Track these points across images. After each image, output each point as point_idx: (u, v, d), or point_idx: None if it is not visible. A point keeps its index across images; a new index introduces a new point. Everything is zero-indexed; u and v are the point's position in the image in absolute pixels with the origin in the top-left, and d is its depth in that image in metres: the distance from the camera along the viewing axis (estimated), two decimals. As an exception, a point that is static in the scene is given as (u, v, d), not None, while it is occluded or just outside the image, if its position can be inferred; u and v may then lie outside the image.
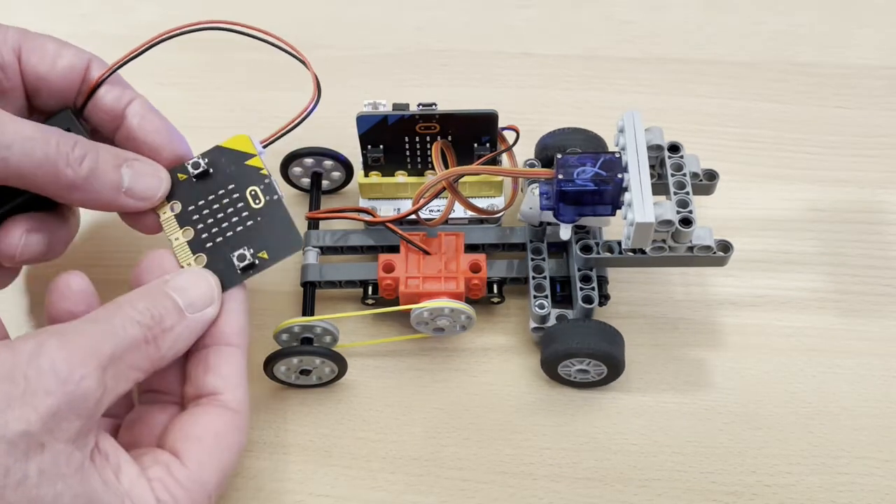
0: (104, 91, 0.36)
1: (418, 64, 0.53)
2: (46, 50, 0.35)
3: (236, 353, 0.34)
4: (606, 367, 0.39)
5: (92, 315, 0.31)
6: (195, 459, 0.31)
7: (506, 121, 0.42)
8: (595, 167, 0.37)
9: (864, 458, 0.39)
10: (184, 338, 0.33)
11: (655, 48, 0.54)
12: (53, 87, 0.35)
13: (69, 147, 0.33)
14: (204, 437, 0.32)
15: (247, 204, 0.36)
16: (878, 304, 0.44)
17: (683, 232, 0.36)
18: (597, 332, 0.38)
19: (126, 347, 0.30)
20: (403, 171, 0.44)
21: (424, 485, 0.39)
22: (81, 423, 0.28)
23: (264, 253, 0.36)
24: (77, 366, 0.28)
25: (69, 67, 0.35)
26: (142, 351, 0.31)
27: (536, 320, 0.40)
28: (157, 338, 0.31)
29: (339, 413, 0.41)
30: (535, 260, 0.42)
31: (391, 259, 0.41)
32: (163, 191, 0.36)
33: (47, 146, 0.32)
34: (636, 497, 0.38)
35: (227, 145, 0.37)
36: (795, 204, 0.47)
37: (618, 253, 0.39)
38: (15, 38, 0.35)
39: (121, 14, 0.56)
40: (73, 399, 0.28)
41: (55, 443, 0.27)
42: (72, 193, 0.33)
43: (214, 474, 0.32)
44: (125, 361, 0.30)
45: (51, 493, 0.27)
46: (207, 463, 0.32)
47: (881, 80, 0.52)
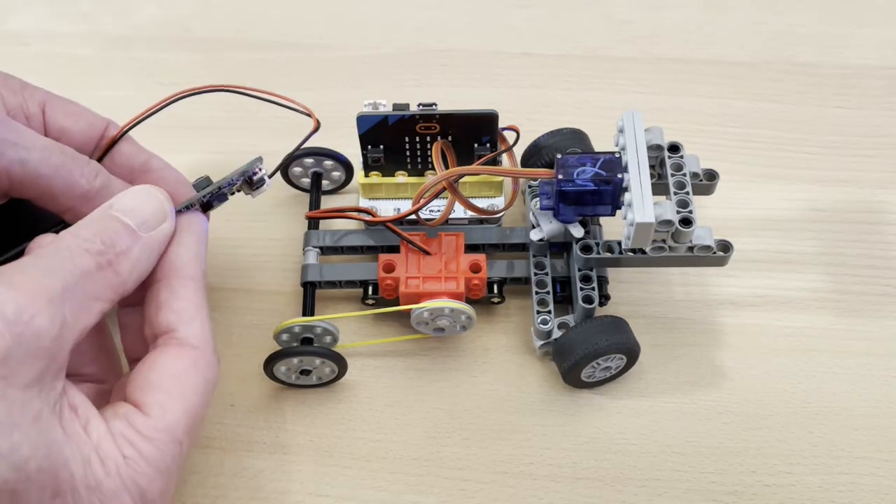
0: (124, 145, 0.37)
1: (418, 64, 0.53)
2: (69, 108, 0.36)
3: (188, 284, 0.32)
4: (626, 357, 0.39)
5: (35, 253, 0.30)
6: (155, 406, 0.30)
7: (506, 121, 0.42)
8: (595, 167, 0.37)
9: (864, 458, 0.39)
10: (143, 259, 0.31)
11: (655, 48, 0.54)
12: (74, 140, 0.36)
13: (83, 161, 0.34)
14: (161, 381, 0.30)
15: None
16: (878, 304, 0.44)
17: (683, 232, 0.36)
18: (607, 327, 0.39)
19: (78, 277, 0.29)
20: (403, 171, 0.44)
21: (424, 485, 0.39)
22: (39, 366, 0.27)
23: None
24: (26, 305, 0.26)
25: (90, 125, 0.36)
26: (98, 279, 0.30)
27: (542, 336, 0.40)
28: (112, 263, 0.30)
29: (339, 413, 0.41)
30: (538, 275, 0.42)
31: (391, 259, 0.41)
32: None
33: (64, 155, 0.33)
34: (636, 497, 0.39)
35: None
36: (795, 204, 0.47)
37: (618, 253, 0.39)
38: (41, 95, 0.36)
39: (121, 14, 0.56)
40: (25, 340, 0.26)
41: (9, 389, 0.26)
42: (83, 205, 0.33)
43: (181, 418, 0.30)
44: (81, 292, 0.29)
45: (6, 444, 0.25)
46: (170, 407, 0.30)
47: (881, 80, 0.52)
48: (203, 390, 0.31)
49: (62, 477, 0.27)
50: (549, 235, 0.40)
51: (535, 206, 0.41)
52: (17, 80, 0.36)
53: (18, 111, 0.35)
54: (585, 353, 0.38)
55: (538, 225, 0.40)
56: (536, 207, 0.40)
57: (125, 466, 0.28)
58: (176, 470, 0.30)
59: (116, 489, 0.28)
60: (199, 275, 0.33)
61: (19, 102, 0.35)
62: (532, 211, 0.41)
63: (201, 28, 0.56)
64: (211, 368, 0.32)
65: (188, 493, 0.39)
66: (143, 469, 0.29)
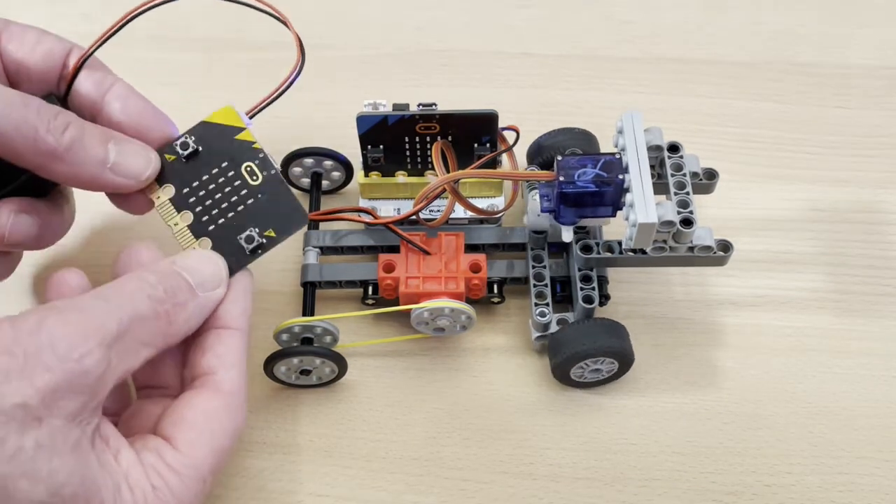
0: (83, 77, 0.35)
1: (418, 64, 0.53)
2: (26, 37, 0.35)
3: (234, 334, 0.34)
4: (618, 362, 0.39)
5: (98, 290, 0.31)
6: (186, 442, 0.31)
7: (506, 121, 0.42)
8: (595, 168, 0.37)
9: (864, 458, 0.39)
10: (195, 316, 0.32)
11: (655, 48, 0.54)
12: (33, 72, 0.35)
13: (51, 114, 0.32)
14: (194, 419, 0.32)
15: (244, 181, 0.35)
16: (878, 304, 0.44)
17: (684, 232, 0.36)
18: (603, 329, 0.38)
19: (134, 321, 0.30)
20: (403, 171, 0.44)
21: (424, 485, 0.39)
22: (82, 400, 0.28)
23: (271, 231, 0.35)
24: (77, 343, 0.28)
25: (47, 53, 0.35)
26: (153, 325, 0.31)
27: (539, 329, 0.40)
28: (168, 313, 0.31)
29: (339, 413, 0.41)
30: (535, 268, 0.42)
31: (391, 259, 0.41)
32: (151, 170, 0.35)
33: (26, 109, 0.31)
34: (636, 497, 0.39)
35: (212, 120, 0.36)
36: (795, 204, 0.47)
37: (618, 253, 0.39)
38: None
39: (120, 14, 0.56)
40: (72, 377, 0.27)
41: (53, 419, 0.27)
42: (54, 164, 0.32)
43: (207, 457, 0.31)
44: (133, 336, 0.30)
45: (46, 468, 0.27)
46: (199, 445, 0.31)
47: (881, 80, 0.52)
48: (231, 434, 0.33)
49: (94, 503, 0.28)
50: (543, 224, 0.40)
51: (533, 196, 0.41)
52: None
53: None
54: (574, 352, 0.38)
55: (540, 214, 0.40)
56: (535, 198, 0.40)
57: (153, 496, 0.30)
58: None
59: None
60: (245, 328, 0.34)
61: None
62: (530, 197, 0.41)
63: (201, 28, 0.56)
64: (241, 415, 0.33)
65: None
66: (168, 500, 0.30)
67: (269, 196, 0.35)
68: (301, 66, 0.36)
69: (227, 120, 0.36)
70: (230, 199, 0.35)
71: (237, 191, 0.35)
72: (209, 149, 0.36)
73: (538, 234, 0.42)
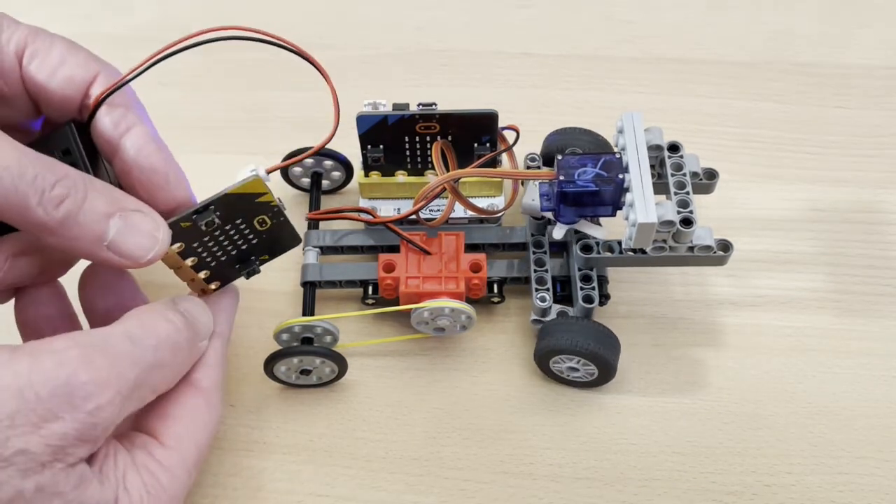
0: (103, 112, 0.32)
1: (418, 64, 0.53)
2: (50, 55, 0.32)
3: (216, 339, 0.34)
4: (597, 369, 0.39)
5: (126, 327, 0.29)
6: (173, 437, 0.31)
7: (506, 121, 0.42)
8: (596, 168, 0.37)
9: (864, 458, 0.39)
10: (188, 365, 0.33)
11: (655, 48, 0.54)
12: (52, 97, 0.32)
13: (49, 183, 0.28)
14: (179, 415, 0.32)
15: (253, 229, 0.35)
16: (878, 304, 0.44)
17: (684, 232, 0.36)
18: (591, 332, 0.38)
19: (154, 369, 0.30)
20: (403, 170, 0.44)
21: (424, 485, 0.39)
22: (89, 447, 0.28)
23: (266, 256, 0.36)
24: (95, 394, 0.27)
25: (68, 79, 0.32)
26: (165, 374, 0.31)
27: (537, 313, 0.41)
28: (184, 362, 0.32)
29: (339, 413, 0.41)
30: (536, 253, 0.42)
31: (391, 259, 0.41)
32: (154, 253, 0.31)
33: (20, 179, 0.28)
34: (636, 497, 0.39)
35: (238, 191, 0.33)
36: (795, 204, 0.47)
37: (618, 253, 0.39)
38: (20, 40, 0.32)
39: (121, 14, 0.56)
40: (84, 428, 0.27)
41: (57, 464, 0.27)
42: (45, 236, 0.29)
43: (192, 451, 0.32)
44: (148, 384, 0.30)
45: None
46: (185, 439, 0.32)
47: (881, 80, 0.52)
48: (211, 429, 0.33)
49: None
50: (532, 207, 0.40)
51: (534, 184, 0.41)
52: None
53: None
54: (549, 344, 0.38)
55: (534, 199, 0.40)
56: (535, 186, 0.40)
57: (147, 497, 0.30)
58: (183, 498, 0.32)
59: None
60: (226, 334, 0.35)
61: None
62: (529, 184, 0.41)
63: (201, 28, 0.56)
64: (217, 412, 0.34)
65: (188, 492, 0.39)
66: (160, 497, 0.30)
67: (272, 233, 0.35)
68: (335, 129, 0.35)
69: (253, 189, 0.33)
70: (237, 243, 0.35)
71: (245, 236, 0.35)
72: (227, 215, 0.34)
73: (538, 219, 0.42)
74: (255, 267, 0.36)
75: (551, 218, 0.40)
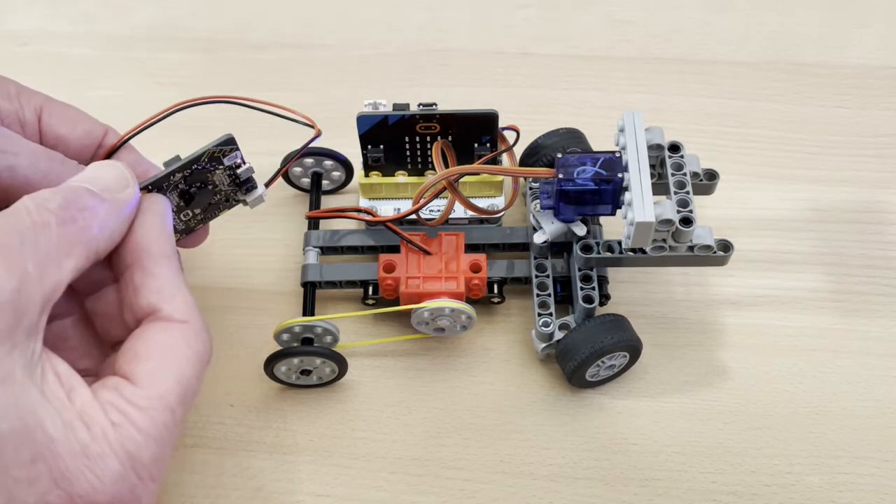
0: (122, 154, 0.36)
1: (418, 64, 0.53)
2: (67, 114, 0.36)
3: (161, 262, 0.32)
4: (629, 354, 0.39)
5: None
6: (145, 375, 0.29)
7: (506, 121, 0.42)
8: (595, 167, 0.37)
9: (864, 458, 0.39)
10: (112, 219, 0.31)
11: (655, 48, 0.54)
12: (70, 149, 0.35)
13: (73, 168, 0.33)
14: (149, 351, 0.30)
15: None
16: (877, 304, 0.44)
17: (684, 231, 0.36)
18: (609, 325, 0.38)
19: (38, 231, 0.28)
20: (403, 171, 0.44)
21: (424, 485, 0.39)
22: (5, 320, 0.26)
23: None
24: None
25: (87, 132, 0.36)
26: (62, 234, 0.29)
27: (543, 339, 0.40)
28: (75, 218, 0.29)
29: (339, 413, 0.41)
30: (539, 277, 0.42)
31: (391, 259, 0.41)
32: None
33: (52, 161, 0.32)
34: (636, 497, 0.39)
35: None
36: (795, 204, 0.47)
37: (618, 252, 0.39)
38: (38, 100, 0.35)
39: (120, 14, 0.56)
40: None
41: None
42: None
43: (173, 387, 0.30)
44: (45, 247, 0.28)
45: None
46: (160, 376, 0.29)
47: (881, 80, 0.52)
48: (195, 361, 0.31)
49: (39, 439, 0.26)
50: (552, 236, 0.40)
51: (535, 208, 0.41)
52: (13, 84, 0.35)
53: (13, 117, 0.34)
54: (591, 352, 0.38)
55: (540, 227, 0.40)
56: (537, 209, 0.40)
57: (113, 432, 0.28)
58: (170, 438, 0.30)
59: (103, 453, 0.27)
60: (170, 251, 0.32)
61: (15, 109, 0.34)
62: (533, 213, 0.41)
63: (201, 28, 0.56)
64: (201, 341, 0.31)
65: (188, 493, 0.39)
66: (131, 435, 0.28)
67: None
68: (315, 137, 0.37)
69: None
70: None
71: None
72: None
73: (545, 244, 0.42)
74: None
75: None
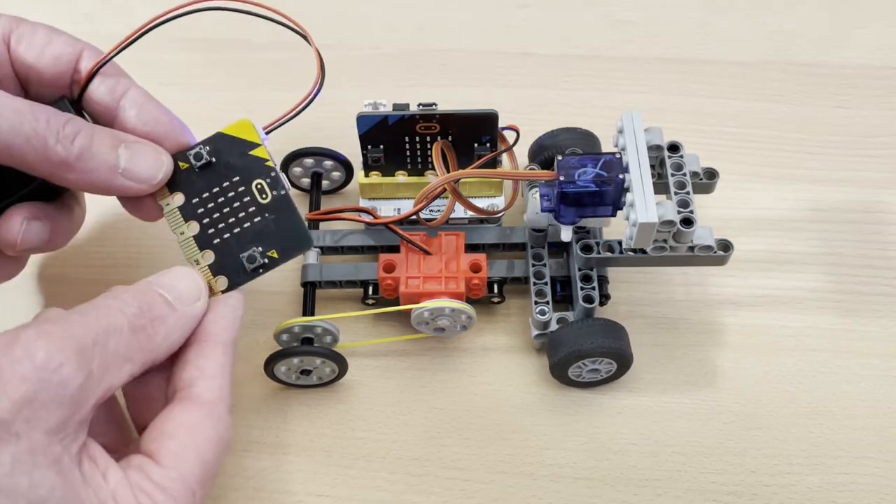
0: (97, 83, 0.35)
1: (418, 64, 0.53)
2: (35, 38, 0.34)
3: (217, 347, 0.33)
4: (616, 363, 0.39)
5: (74, 308, 0.30)
6: (169, 456, 0.30)
7: (506, 121, 0.42)
8: (596, 168, 0.37)
9: (864, 458, 0.39)
10: (177, 330, 0.32)
11: (655, 48, 0.54)
12: (43, 76, 0.34)
13: (60, 124, 0.32)
14: (174, 431, 0.31)
15: (253, 198, 0.35)
16: (877, 304, 0.44)
17: (685, 232, 0.36)
18: (602, 329, 0.38)
19: (111, 334, 0.29)
20: (403, 171, 0.44)
21: (424, 485, 0.39)
22: (62, 412, 0.27)
23: (274, 252, 0.35)
24: (55, 352, 0.27)
25: (57, 57, 0.34)
26: (131, 339, 0.30)
27: (538, 327, 0.40)
28: (146, 327, 0.31)
29: (339, 413, 0.41)
30: (535, 266, 0.42)
31: (392, 259, 0.41)
32: (163, 173, 0.34)
33: (36, 122, 0.31)
34: (636, 497, 0.39)
35: (229, 132, 0.35)
36: (795, 204, 0.47)
37: (618, 252, 0.39)
38: (5, 26, 0.34)
39: (121, 14, 0.56)
40: (50, 386, 0.27)
41: (32, 432, 0.26)
42: (65, 173, 0.32)
43: (195, 469, 0.31)
44: (112, 349, 0.29)
45: (25, 483, 0.26)
46: (183, 457, 0.30)
47: (881, 80, 0.52)
48: (216, 444, 0.32)
49: None
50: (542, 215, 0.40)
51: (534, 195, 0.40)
52: None
53: None
54: (569, 352, 0.38)
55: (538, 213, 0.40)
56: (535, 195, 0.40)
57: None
58: None
59: None
60: (229, 340, 0.34)
61: None
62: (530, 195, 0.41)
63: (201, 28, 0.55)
64: (224, 424, 0.32)
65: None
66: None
67: (277, 216, 0.35)
68: (321, 83, 0.36)
69: (244, 134, 0.35)
70: (238, 215, 0.35)
71: (245, 207, 0.35)
72: (222, 161, 0.35)
73: (538, 231, 0.42)
74: (262, 262, 0.34)
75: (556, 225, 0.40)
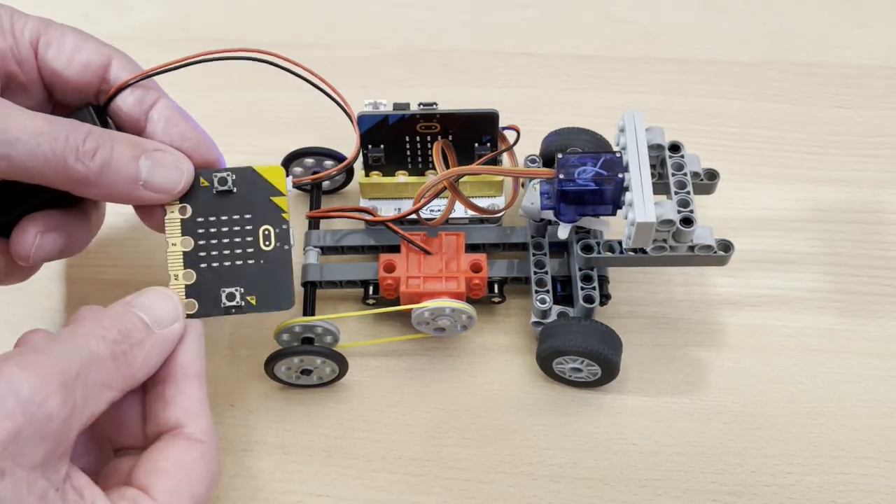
0: (126, 94, 0.35)
1: (418, 64, 0.53)
2: (64, 44, 0.34)
3: (194, 383, 0.33)
4: (601, 369, 0.39)
5: (55, 334, 0.30)
6: (164, 492, 0.30)
7: (506, 121, 0.42)
8: (596, 167, 0.37)
9: (864, 458, 0.39)
10: (155, 354, 0.32)
11: (655, 48, 0.54)
12: (70, 83, 0.34)
13: (79, 140, 0.31)
14: (170, 469, 0.31)
15: (256, 241, 0.35)
16: (877, 304, 0.44)
17: (684, 231, 0.36)
18: (593, 332, 0.38)
19: (93, 363, 0.29)
20: (404, 170, 0.44)
21: (424, 485, 0.39)
22: (47, 447, 0.27)
23: (254, 298, 0.34)
24: (39, 386, 0.27)
25: (86, 65, 0.34)
26: (111, 367, 0.30)
27: (537, 315, 0.41)
28: (126, 353, 0.30)
29: (339, 413, 0.41)
30: (536, 255, 0.42)
31: (392, 259, 0.41)
32: (184, 183, 0.34)
33: (55, 141, 0.31)
34: (636, 497, 0.39)
35: (260, 171, 0.35)
36: (795, 204, 0.47)
37: (619, 252, 0.39)
38: (34, 30, 0.34)
39: (121, 14, 0.56)
40: (36, 421, 0.26)
41: (17, 469, 0.26)
42: (86, 189, 0.32)
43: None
44: (94, 378, 0.29)
45: None
46: (178, 494, 0.30)
47: (881, 80, 0.52)
48: (208, 482, 0.32)
49: None
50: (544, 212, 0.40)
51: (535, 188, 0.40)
52: (6, 12, 0.33)
53: (8, 56, 0.33)
54: (552, 345, 0.38)
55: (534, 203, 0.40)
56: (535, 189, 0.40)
57: None
58: None
59: None
60: (201, 373, 0.34)
61: (9, 45, 0.33)
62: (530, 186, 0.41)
63: (201, 28, 0.56)
64: (215, 463, 0.33)
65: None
66: None
67: (272, 267, 0.35)
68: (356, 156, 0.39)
69: (273, 178, 0.35)
70: (235, 250, 0.35)
71: (245, 245, 0.35)
72: (243, 194, 0.35)
73: (537, 221, 0.42)
74: (238, 304, 0.34)
75: (552, 219, 0.40)
